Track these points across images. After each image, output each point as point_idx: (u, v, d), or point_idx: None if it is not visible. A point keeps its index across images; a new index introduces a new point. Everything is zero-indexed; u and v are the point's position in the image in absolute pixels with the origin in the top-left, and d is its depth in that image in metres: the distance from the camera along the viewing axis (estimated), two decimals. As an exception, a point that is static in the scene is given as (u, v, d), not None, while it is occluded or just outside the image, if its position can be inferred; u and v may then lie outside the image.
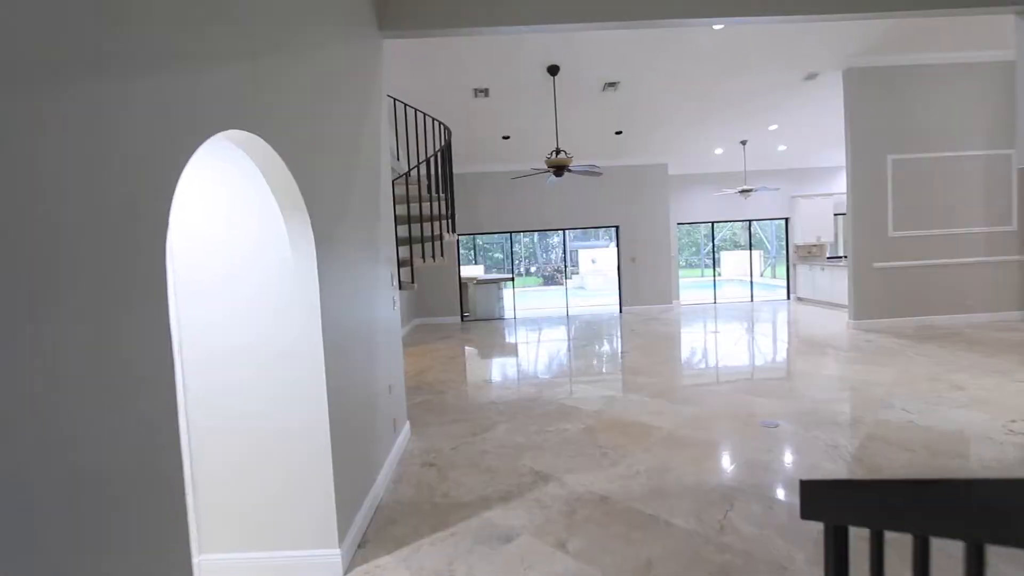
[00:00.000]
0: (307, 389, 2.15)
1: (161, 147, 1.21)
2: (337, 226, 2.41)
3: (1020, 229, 6.79)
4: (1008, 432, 3.27)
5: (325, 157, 2.32)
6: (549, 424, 3.84)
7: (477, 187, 9.61)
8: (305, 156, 2.07)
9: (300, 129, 2.05)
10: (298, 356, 2.15)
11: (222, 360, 2.21)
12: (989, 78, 6.64)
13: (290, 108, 1.97)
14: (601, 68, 6.27)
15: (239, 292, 2.27)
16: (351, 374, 2.51)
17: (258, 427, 2.22)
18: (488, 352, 6.97)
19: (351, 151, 2.72)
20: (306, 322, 2.13)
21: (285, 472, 2.22)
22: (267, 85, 1.79)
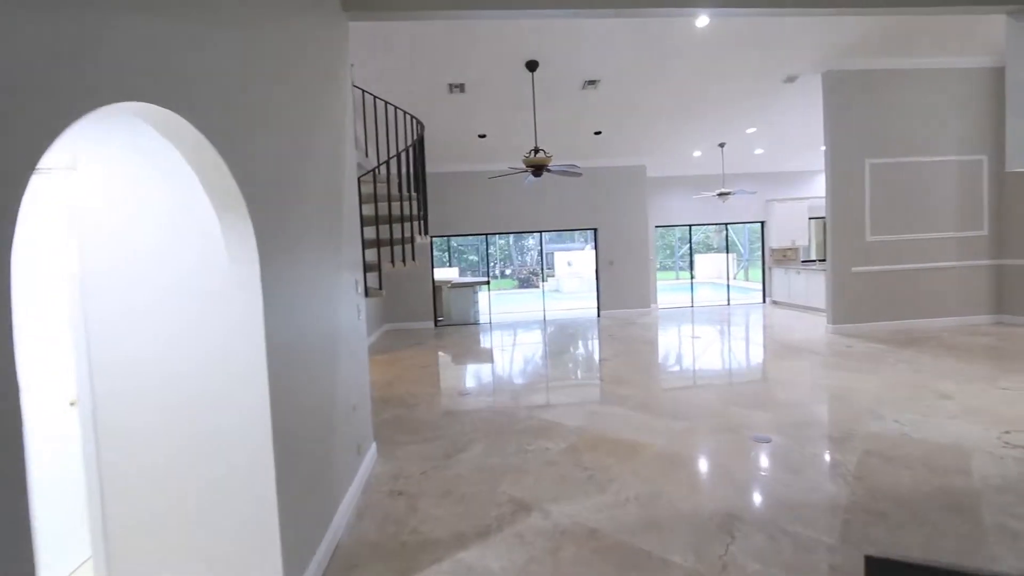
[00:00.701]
0: (247, 418, 1.81)
1: (12, 118, 0.87)
2: (287, 226, 2.07)
3: (991, 234, 6.87)
4: (1005, 445, 3.15)
5: (273, 147, 1.98)
6: (529, 442, 3.56)
7: (452, 187, 9.28)
8: (245, 143, 1.74)
9: (238, 111, 1.71)
10: (235, 380, 1.80)
11: (139, 389, 1.85)
12: (962, 84, 6.70)
13: (225, 84, 1.63)
14: (581, 65, 6.05)
15: (168, 305, 1.92)
16: (304, 397, 2.17)
17: (185, 467, 1.87)
18: (463, 359, 6.65)
19: (307, 142, 2.39)
20: (246, 338, 1.79)
21: (219, 518, 1.87)
22: (193, 52, 1.45)
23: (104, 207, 1.97)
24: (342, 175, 2.98)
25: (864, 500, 2.58)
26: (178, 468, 1.98)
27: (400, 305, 9.16)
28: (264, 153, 1.89)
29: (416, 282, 9.21)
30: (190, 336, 1.95)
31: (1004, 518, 2.36)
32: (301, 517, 2.04)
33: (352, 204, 3.24)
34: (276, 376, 1.84)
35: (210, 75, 1.55)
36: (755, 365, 5.70)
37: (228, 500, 1.91)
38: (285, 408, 1.93)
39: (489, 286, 10.20)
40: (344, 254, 2.94)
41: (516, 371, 5.90)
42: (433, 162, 8.92)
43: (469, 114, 7.20)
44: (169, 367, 1.96)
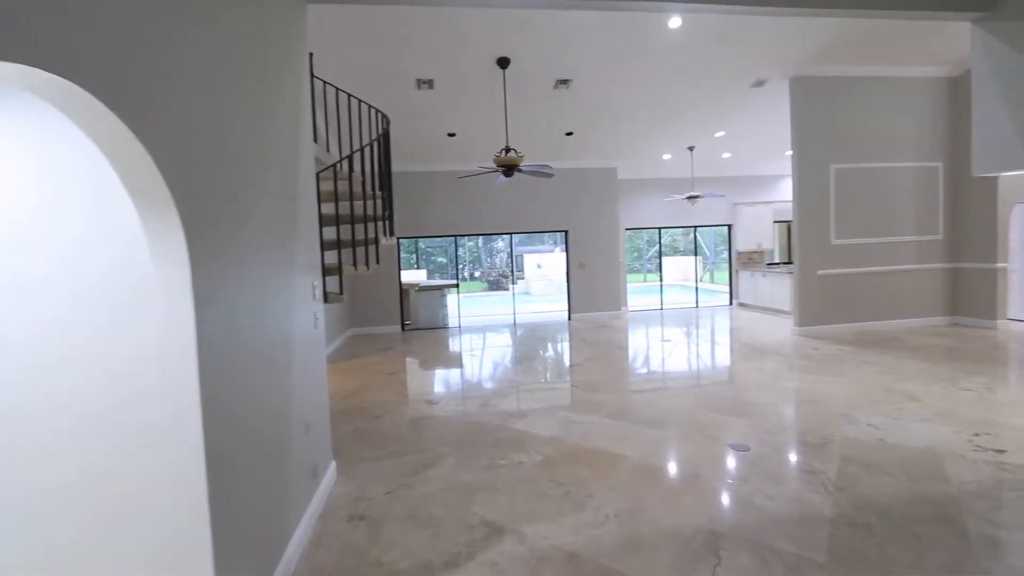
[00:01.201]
0: (175, 449, 1.55)
1: None
2: (230, 224, 1.82)
3: (945, 238, 7.11)
4: (976, 448, 3.16)
5: (211, 133, 1.72)
6: (501, 455, 3.36)
7: (420, 187, 9.01)
8: (174, 129, 1.48)
9: (162, 89, 1.46)
10: (161, 403, 1.54)
11: (43, 409, 1.57)
12: (920, 93, 6.92)
13: (147, 56, 1.38)
14: (553, 64, 5.92)
15: (81, 314, 1.64)
16: (249, 418, 1.91)
17: (93, 496, 1.60)
18: (431, 365, 6.40)
19: (256, 132, 2.13)
20: (173, 353, 1.53)
21: (139, 558, 1.60)
22: (96, 14, 1.20)
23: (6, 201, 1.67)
24: (298, 170, 2.72)
25: (848, 512, 2.50)
26: (85, 496, 1.69)
27: (366, 309, 8.82)
28: (199, 141, 1.64)
29: (383, 285, 8.88)
30: (106, 351, 1.67)
31: (986, 527, 2.32)
32: (243, 552, 1.78)
33: (310, 202, 2.98)
34: (211, 395, 1.59)
35: (127, 45, 1.29)
36: (726, 368, 5.69)
37: (149, 535, 1.64)
38: (223, 431, 1.67)
39: (458, 289, 9.96)
40: (299, 257, 2.68)
41: (487, 377, 5.70)
42: (400, 161, 8.65)
43: (438, 111, 6.97)
44: (82, 394, 1.67)
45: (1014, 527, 2.31)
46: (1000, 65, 3.52)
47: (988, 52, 3.60)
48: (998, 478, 2.77)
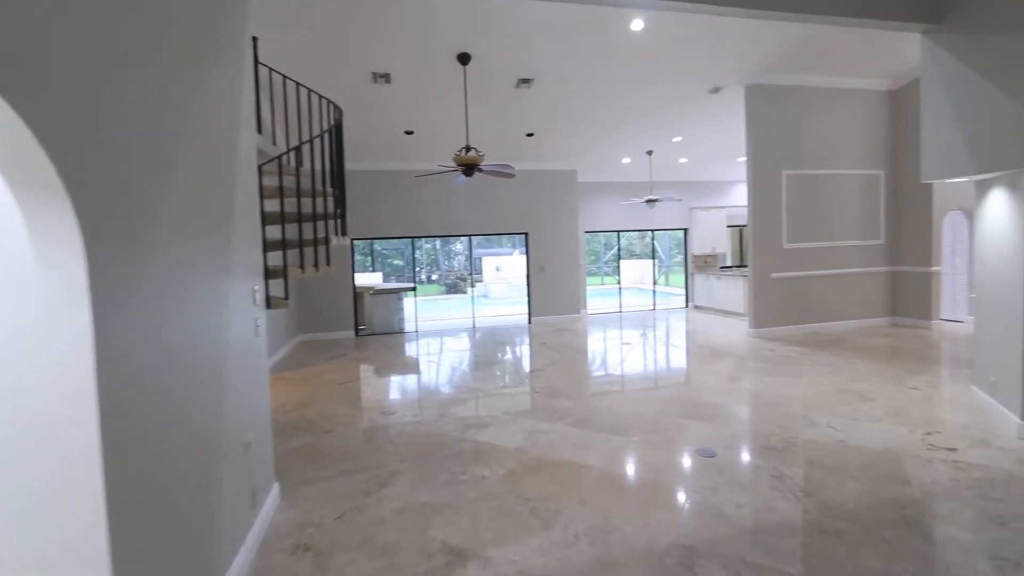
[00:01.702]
0: (66, 474, 1.27)
1: None
2: (137, 220, 1.54)
3: (887, 243, 7.47)
4: (929, 447, 3.23)
5: (111, 113, 1.44)
6: (463, 470, 3.16)
7: (376, 187, 8.66)
8: (67, 106, 1.21)
9: (52, 62, 1.18)
10: (48, 426, 1.26)
11: None
12: (864, 104, 7.24)
13: (28, 14, 1.11)
14: (515, 62, 5.78)
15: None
16: (167, 442, 1.63)
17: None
18: (387, 372, 6.10)
19: (173, 114, 1.84)
20: (65, 371, 1.25)
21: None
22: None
23: None
24: (236, 162, 2.43)
25: (818, 518, 2.46)
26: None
27: (317, 313, 8.37)
28: (99, 121, 1.36)
29: (335, 288, 8.46)
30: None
31: (952, 529, 2.33)
32: (160, 610, 1.51)
33: (250, 197, 2.68)
34: (114, 420, 1.32)
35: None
36: (686, 371, 5.71)
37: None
38: (131, 465, 1.40)
39: (415, 292, 9.66)
40: (237, 257, 2.39)
41: (446, 384, 5.47)
42: (356, 159, 8.27)
43: (395, 108, 6.69)
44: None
45: (976, 529, 2.32)
46: (948, 76, 3.65)
47: (937, 63, 3.73)
48: (954, 478, 2.82)
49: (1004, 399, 3.52)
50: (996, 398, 3.63)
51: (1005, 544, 2.21)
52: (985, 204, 3.74)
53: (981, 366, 3.92)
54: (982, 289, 3.85)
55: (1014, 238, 3.34)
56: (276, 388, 5.34)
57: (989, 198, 3.67)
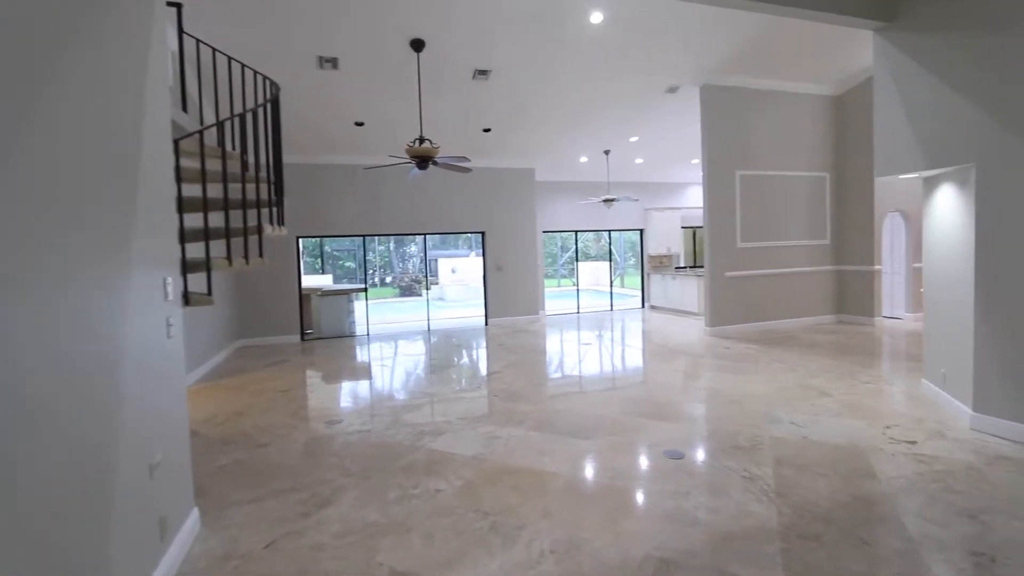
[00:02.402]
0: None
1: None
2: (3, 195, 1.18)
3: (832, 243, 7.73)
4: (890, 441, 3.22)
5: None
6: (415, 483, 2.86)
7: (324, 182, 8.17)
8: None
9: None
10: None
11: None
12: (811, 108, 7.47)
13: None
14: (472, 51, 5.54)
15: None
16: (29, 469, 1.27)
17: None
18: (334, 378, 5.67)
19: (59, 69, 1.47)
20: None
21: None
22: None
23: None
24: (140, 137, 2.05)
25: (793, 520, 2.34)
26: None
27: (259, 317, 7.78)
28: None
29: (279, 290, 7.90)
30: None
31: (925, 525, 2.26)
32: None
33: (162, 178, 2.30)
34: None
35: None
36: (647, 371, 5.62)
37: None
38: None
39: (367, 294, 9.19)
40: (141, 245, 2.01)
41: (398, 389, 5.12)
42: (301, 151, 7.77)
43: (343, 96, 6.28)
44: None
45: (948, 524, 2.26)
46: (899, 74, 3.70)
47: (888, 61, 3.78)
48: (918, 471, 2.79)
49: (955, 391, 3.58)
50: (947, 390, 3.70)
51: (977, 538, 2.15)
52: (933, 201, 3.83)
53: (931, 359, 4.00)
54: (932, 284, 3.94)
55: (963, 233, 3.40)
56: (206, 398, 4.82)
57: (937, 195, 3.75)
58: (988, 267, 3.20)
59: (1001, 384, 3.17)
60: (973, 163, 3.22)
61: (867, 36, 6.16)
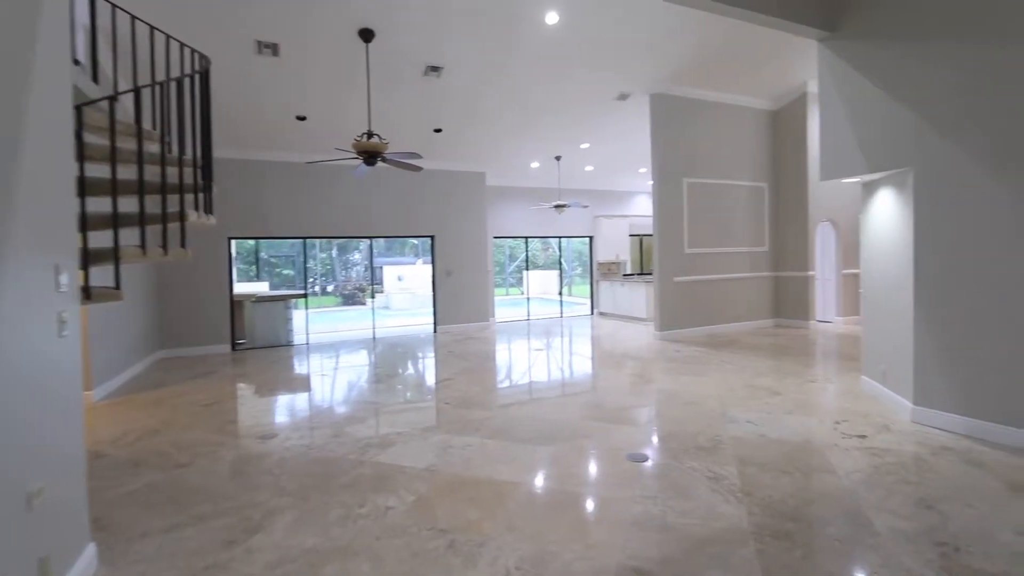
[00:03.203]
0: None
1: None
2: None
3: (771, 250, 8.08)
4: (843, 436, 3.27)
5: None
6: (361, 501, 2.57)
7: (262, 179, 7.61)
8: None
9: None
10: None
11: None
12: (751, 121, 7.81)
13: None
14: (424, 45, 5.32)
15: None
16: None
17: None
18: (269, 390, 5.19)
19: None
20: None
21: None
22: None
23: None
24: (20, 108, 1.69)
25: (764, 520, 2.27)
26: None
27: (184, 325, 7.08)
28: None
29: (208, 296, 7.24)
30: None
31: (889, 518, 2.25)
32: None
33: (55, 153, 1.93)
34: None
35: None
36: (602, 375, 5.55)
37: None
38: None
39: (307, 300, 8.63)
40: (24, 230, 1.64)
41: (341, 400, 4.74)
42: (235, 146, 7.21)
43: (284, 86, 5.86)
44: None
45: (910, 516, 2.27)
46: (842, 82, 3.86)
47: (832, 69, 3.94)
48: (872, 464, 2.83)
49: (895, 386, 3.72)
50: (887, 385, 3.85)
51: (939, 528, 2.16)
52: (872, 204, 4.01)
53: (871, 357, 4.16)
54: (871, 285, 4.11)
55: (902, 234, 3.56)
56: (117, 414, 4.25)
57: (876, 199, 3.93)
58: (926, 267, 3.35)
59: (940, 379, 3.30)
60: (911, 167, 3.39)
61: (802, 55, 6.54)
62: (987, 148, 3.01)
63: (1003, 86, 2.92)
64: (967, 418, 3.16)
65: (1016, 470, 2.69)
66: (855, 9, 3.74)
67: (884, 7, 3.55)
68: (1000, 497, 2.42)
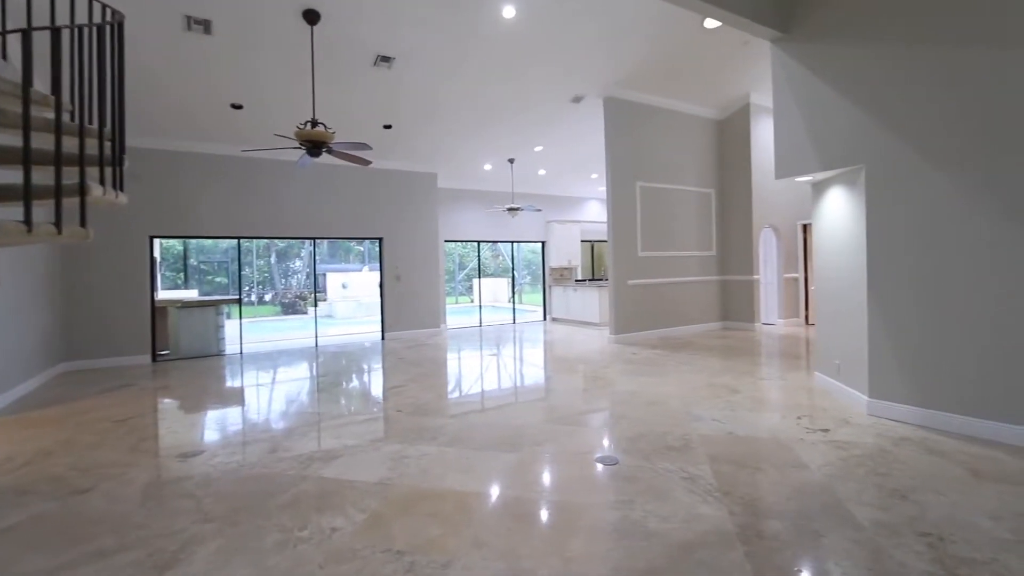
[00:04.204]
0: None
1: None
2: None
3: (718, 254, 8.30)
4: (807, 431, 3.26)
5: None
6: (302, 522, 2.23)
7: (191, 173, 6.96)
8: None
9: None
10: None
11: None
12: (699, 129, 8.02)
13: None
14: (375, 32, 5.02)
15: None
16: None
17: None
18: (194, 404, 4.62)
19: None
20: None
21: None
22: None
23: None
24: None
25: (747, 520, 2.14)
26: None
27: (95, 333, 6.28)
28: None
29: (125, 300, 6.48)
30: None
31: (869, 511, 2.19)
32: None
33: None
34: None
35: None
36: (562, 379, 5.39)
37: None
38: None
39: (240, 306, 7.96)
40: None
41: (280, 412, 4.28)
42: (159, 135, 6.55)
43: (217, 69, 5.36)
44: None
45: (887, 507, 2.22)
46: (795, 82, 3.94)
47: (785, 70, 4.02)
48: (840, 457, 2.80)
49: (850, 380, 3.79)
50: (841, 380, 3.92)
51: (919, 518, 2.12)
52: (824, 203, 4.11)
53: (824, 352, 4.24)
54: (823, 282, 4.20)
55: (855, 231, 3.64)
56: (3, 436, 3.60)
57: (828, 197, 4.02)
58: (879, 262, 3.43)
59: (894, 372, 3.37)
60: (863, 164, 3.47)
61: (746, 67, 6.77)
62: (937, 145, 3.11)
63: (953, 86, 3.03)
64: (921, 409, 3.23)
65: (974, 457, 2.74)
66: (806, 10, 3.85)
67: (835, 9, 3.66)
68: (966, 484, 2.43)
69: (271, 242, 16.78)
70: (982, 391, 2.97)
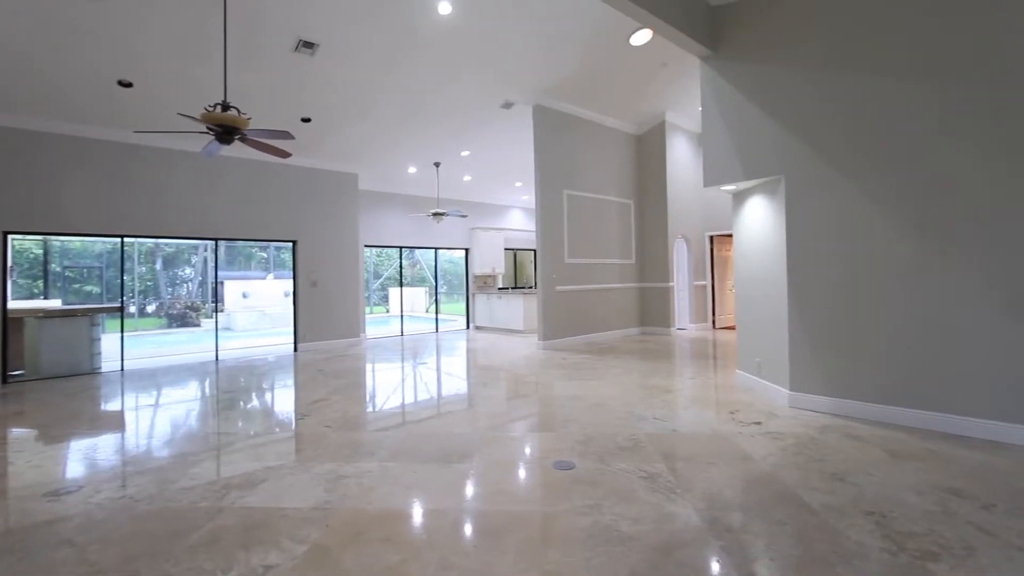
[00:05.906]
0: None
1: None
2: None
3: (636, 262, 8.68)
4: (742, 424, 3.42)
5: None
6: (227, 563, 1.86)
7: (62, 159, 5.92)
8: None
9: None
10: None
11: None
12: (620, 143, 8.38)
13: None
14: (297, 12, 4.62)
15: None
16: None
17: None
18: (60, 433, 3.83)
19: None
20: None
21: None
22: None
23: None
24: None
25: (713, 514, 2.15)
26: None
27: (-86, 351, 5.05)
28: None
29: (-40, 309, 5.29)
30: None
31: (817, 495, 2.29)
32: None
33: None
34: None
35: None
36: (499, 385, 5.25)
37: None
38: None
39: (123, 317, 6.89)
40: None
41: (180, 436, 3.67)
42: (23, 112, 5.49)
43: (100, 38, 4.60)
44: None
45: (832, 490, 2.35)
46: (721, 97, 4.20)
47: (713, 86, 4.27)
48: (779, 447, 2.95)
49: (771, 376, 4.06)
50: (763, 377, 4.19)
51: (860, 498, 2.26)
52: (745, 211, 4.40)
53: (745, 351, 4.52)
54: (744, 285, 4.49)
55: (775, 236, 3.93)
56: None
57: (749, 205, 4.32)
58: (798, 265, 3.72)
59: (812, 367, 3.66)
60: (782, 175, 3.76)
61: (662, 88, 7.19)
62: (849, 157, 3.45)
63: (861, 104, 3.38)
64: (837, 399, 3.53)
65: (886, 440, 3.02)
66: (732, 31, 4.13)
67: (757, 31, 3.97)
68: (887, 464, 2.65)
69: (157, 246, 14.90)
70: (888, 381, 3.30)
